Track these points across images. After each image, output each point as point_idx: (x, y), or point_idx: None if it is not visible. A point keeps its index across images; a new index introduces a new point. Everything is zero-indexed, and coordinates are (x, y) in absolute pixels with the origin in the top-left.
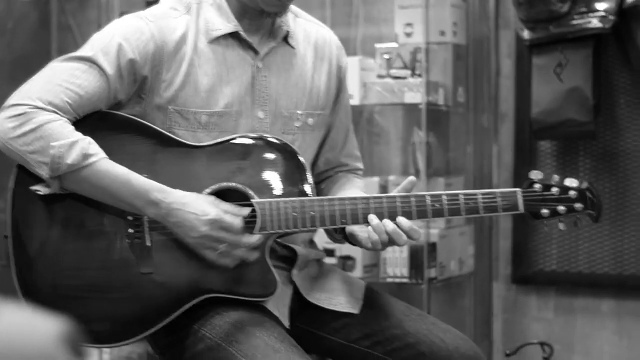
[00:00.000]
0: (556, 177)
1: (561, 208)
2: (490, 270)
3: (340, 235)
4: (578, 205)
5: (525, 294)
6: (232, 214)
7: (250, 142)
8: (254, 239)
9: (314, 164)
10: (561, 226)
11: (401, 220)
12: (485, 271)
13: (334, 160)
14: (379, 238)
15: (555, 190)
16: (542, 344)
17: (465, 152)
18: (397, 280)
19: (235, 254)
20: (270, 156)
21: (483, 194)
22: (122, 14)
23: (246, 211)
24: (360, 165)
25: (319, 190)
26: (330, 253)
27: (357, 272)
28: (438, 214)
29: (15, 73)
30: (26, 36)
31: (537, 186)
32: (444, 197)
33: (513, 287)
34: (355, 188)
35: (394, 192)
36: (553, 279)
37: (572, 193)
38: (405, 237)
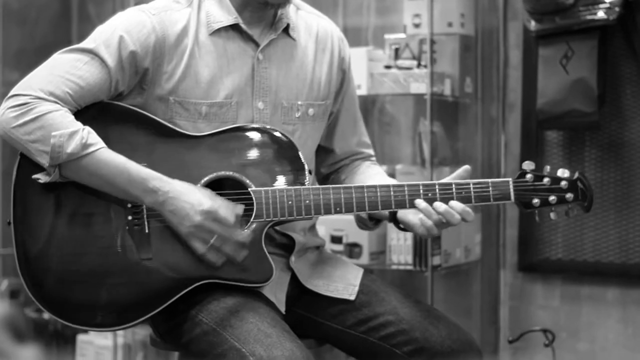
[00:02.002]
0: (547, 168)
1: (552, 198)
2: (497, 258)
3: (372, 222)
4: (568, 195)
5: (531, 281)
6: (226, 208)
7: (248, 132)
8: (245, 235)
9: (318, 154)
10: (552, 215)
11: (453, 203)
12: (492, 259)
13: (347, 150)
14: (430, 220)
15: (546, 180)
16: (544, 331)
17: (473, 141)
18: (402, 267)
19: (224, 249)
20: (267, 146)
21: (475, 184)
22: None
23: (240, 208)
24: (372, 152)
25: (339, 181)
26: (337, 240)
27: (364, 259)
28: (431, 203)
29: (36, 61)
30: (47, 25)
31: (529, 176)
32: (437, 187)
33: (519, 274)
34: (380, 175)
35: (446, 179)
36: (559, 267)
37: (563, 183)
38: (458, 216)
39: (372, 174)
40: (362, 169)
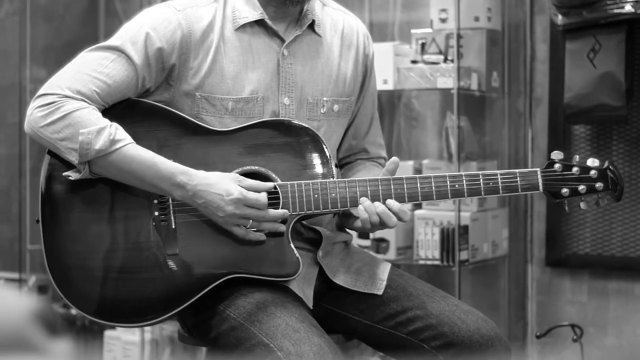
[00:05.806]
0: (577, 157)
1: (581, 187)
2: (524, 252)
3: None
4: (598, 185)
5: (559, 276)
6: (254, 190)
7: (273, 126)
8: (279, 212)
9: (338, 149)
10: (582, 205)
11: (390, 202)
12: (520, 254)
13: (356, 147)
14: (368, 217)
15: (575, 169)
16: (572, 326)
17: (500, 136)
18: (429, 262)
19: (263, 227)
20: (292, 140)
21: (502, 174)
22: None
23: (269, 184)
24: (383, 153)
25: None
26: (364, 235)
27: (391, 254)
28: (458, 194)
29: (63, 58)
30: (74, 22)
31: (557, 166)
32: (464, 178)
33: (547, 269)
34: (369, 175)
35: (380, 175)
36: (586, 262)
37: (593, 172)
38: (394, 219)
39: (362, 174)
40: (357, 168)
